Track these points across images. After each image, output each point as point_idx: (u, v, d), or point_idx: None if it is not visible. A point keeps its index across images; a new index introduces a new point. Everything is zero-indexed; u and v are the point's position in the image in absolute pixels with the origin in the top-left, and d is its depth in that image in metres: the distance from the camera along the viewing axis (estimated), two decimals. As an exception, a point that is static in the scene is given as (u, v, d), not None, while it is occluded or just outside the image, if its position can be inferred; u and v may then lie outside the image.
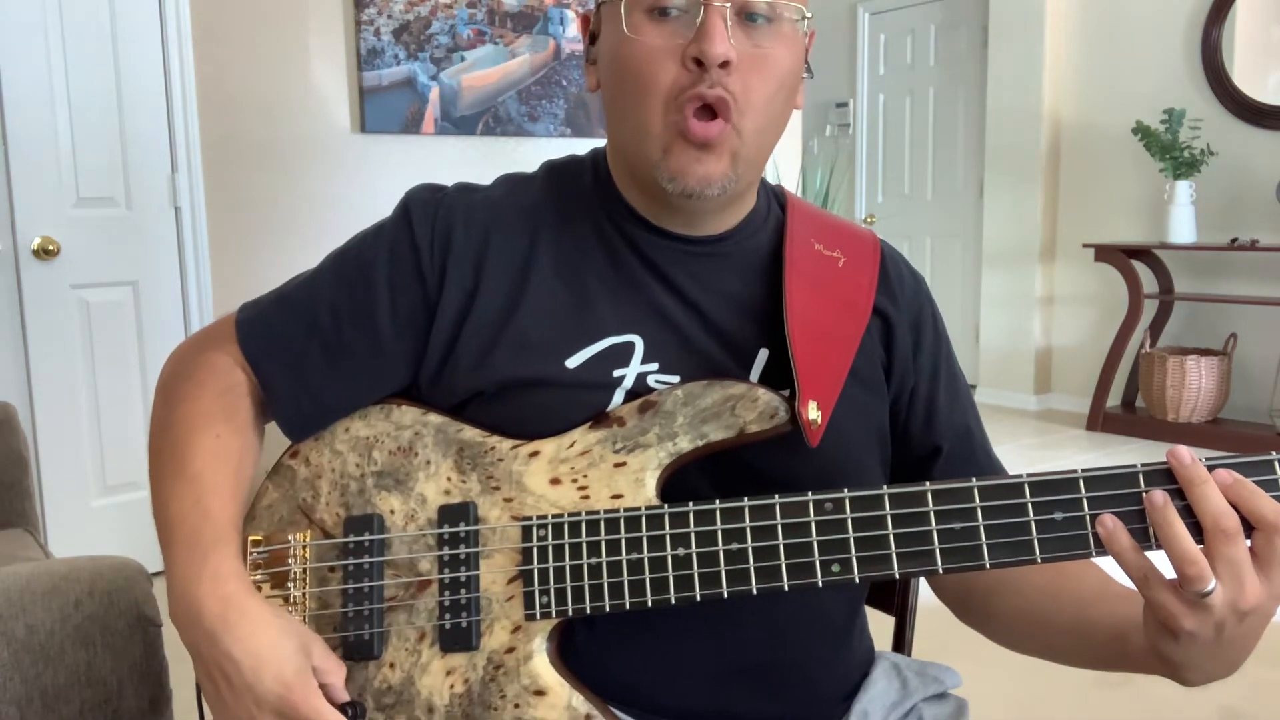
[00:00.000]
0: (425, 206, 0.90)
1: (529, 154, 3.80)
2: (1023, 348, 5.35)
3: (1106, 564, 0.77)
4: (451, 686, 0.80)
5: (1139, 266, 4.70)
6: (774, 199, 0.97)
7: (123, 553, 1.15)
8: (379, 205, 0.95)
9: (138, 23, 2.97)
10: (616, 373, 0.84)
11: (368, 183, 3.47)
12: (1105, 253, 4.74)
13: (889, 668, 0.96)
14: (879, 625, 1.09)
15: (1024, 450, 4.53)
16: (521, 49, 3.73)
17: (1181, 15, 4.69)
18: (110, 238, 2.98)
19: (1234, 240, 4.41)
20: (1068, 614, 0.85)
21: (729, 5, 0.79)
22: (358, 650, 0.82)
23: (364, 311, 0.87)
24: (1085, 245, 4.88)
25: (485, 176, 0.98)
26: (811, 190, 4.74)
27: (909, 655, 1.08)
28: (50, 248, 2.85)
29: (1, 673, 1.01)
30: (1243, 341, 4.55)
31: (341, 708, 0.77)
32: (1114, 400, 4.91)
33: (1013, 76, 5.21)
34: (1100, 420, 4.79)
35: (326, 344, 0.87)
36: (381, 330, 0.87)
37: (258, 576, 0.87)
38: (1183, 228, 4.49)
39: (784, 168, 4.53)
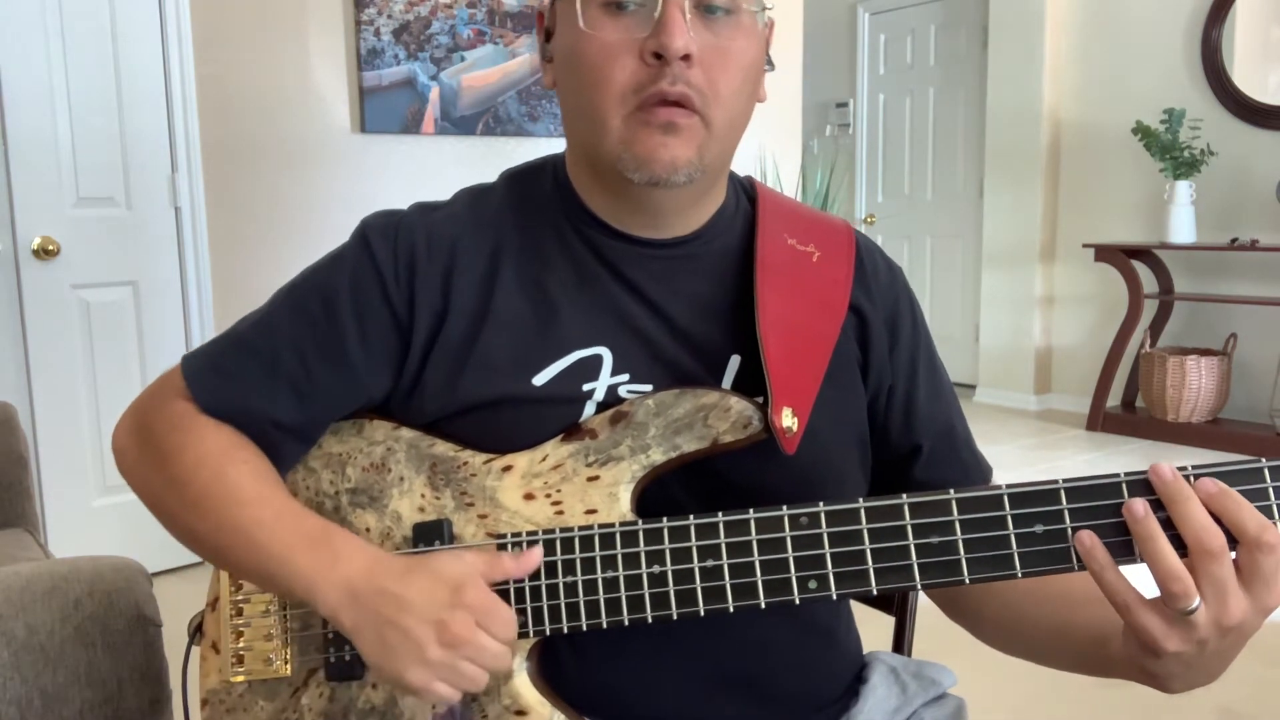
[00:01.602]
0: (383, 230, 0.87)
1: (529, 154, 3.80)
2: (1023, 348, 5.35)
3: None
4: (434, 707, 0.80)
5: (1139, 266, 4.70)
6: (743, 192, 0.94)
7: (123, 553, 1.15)
8: (379, 205, 0.94)
9: (138, 23, 2.97)
10: (586, 386, 0.82)
11: (368, 183, 3.48)
12: (1105, 253, 4.74)
13: (886, 672, 0.94)
14: (879, 625, 1.09)
15: (1024, 450, 4.53)
16: (521, 49, 3.73)
17: (1181, 15, 4.69)
18: (110, 238, 2.98)
19: (1234, 240, 4.41)
20: (1050, 616, 0.83)
21: None
22: (340, 671, 0.82)
23: (332, 345, 0.84)
24: (1085, 245, 4.88)
25: (485, 176, 0.97)
26: (811, 190, 4.74)
27: (908, 654, 1.08)
28: (50, 248, 2.85)
29: (1, 673, 1.01)
30: (1243, 341, 4.55)
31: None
32: (1114, 400, 4.91)
33: (1013, 76, 5.21)
34: (1100, 420, 4.79)
35: (295, 385, 0.84)
36: (353, 360, 0.84)
37: (239, 596, 0.87)
38: (1183, 228, 4.49)
39: (784, 168, 4.53)
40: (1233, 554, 0.66)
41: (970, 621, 0.92)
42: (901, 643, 1.10)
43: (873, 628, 1.00)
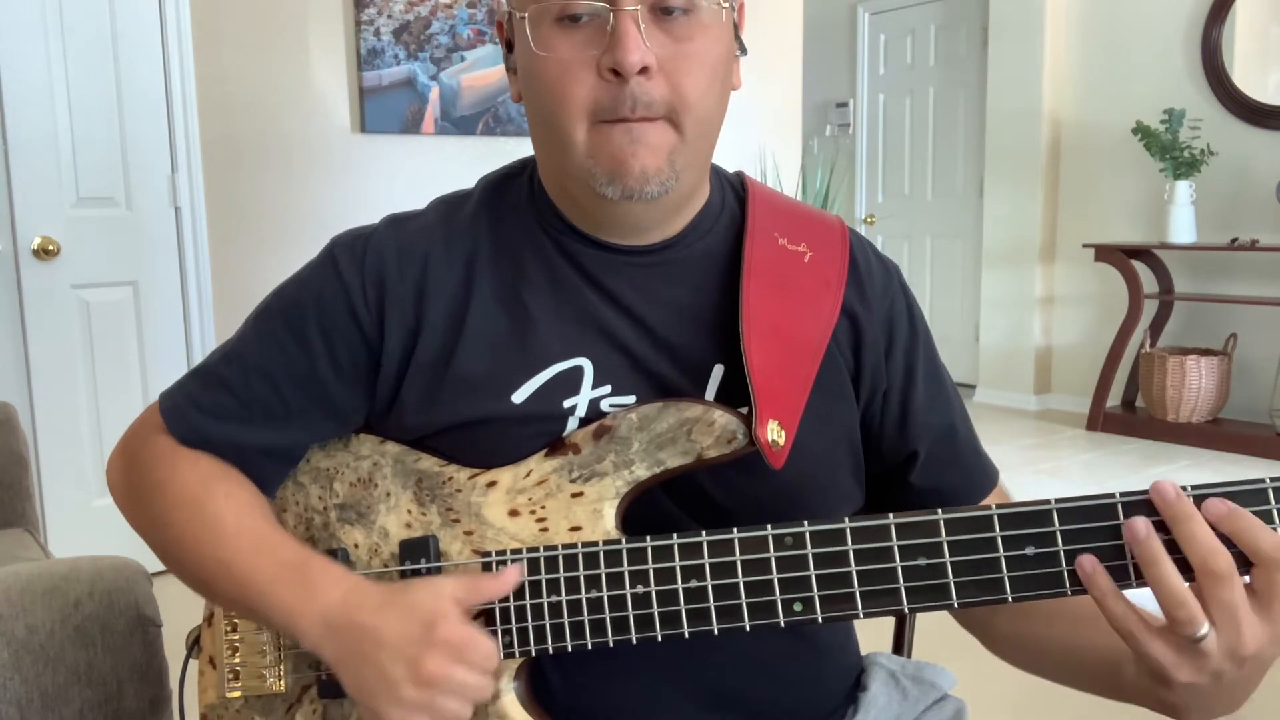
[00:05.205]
0: (350, 249, 0.85)
1: (529, 154, 3.80)
2: (1023, 348, 5.35)
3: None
4: None
5: (1139, 266, 4.70)
6: (731, 189, 0.90)
7: (123, 553, 1.15)
8: (379, 205, 0.93)
9: (138, 23, 2.97)
10: (567, 403, 0.80)
11: (368, 183, 3.48)
12: (1105, 253, 4.74)
13: (886, 677, 0.92)
14: (878, 625, 1.09)
15: (1024, 450, 4.53)
16: (521, 49, 3.73)
17: (1181, 15, 4.69)
18: (110, 238, 2.98)
19: (1234, 240, 4.41)
20: (1062, 636, 0.80)
21: (640, 6, 0.73)
22: (332, 689, 0.81)
23: (301, 369, 0.83)
24: (1085, 245, 4.88)
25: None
26: (811, 190, 4.74)
27: (908, 655, 1.08)
28: (50, 248, 2.85)
29: (1, 673, 1.01)
30: (1243, 341, 4.55)
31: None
32: (1114, 400, 4.91)
33: (1013, 76, 5.21)
34: (1100, 420, 4.78)
35: (271, 413, 0.83)
36: (326, 383, 0.83)
37: (231, 614, 0.86)
38: (1183, 228, 4.49)
39: (784, 168, 4.53)
40: (1245, 578, 0.63)
41: (982, 635, 0.89)
42: (901, 644, 1.10)
43: (872, 628, 0.99)
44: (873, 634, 1.07)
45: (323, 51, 3.36)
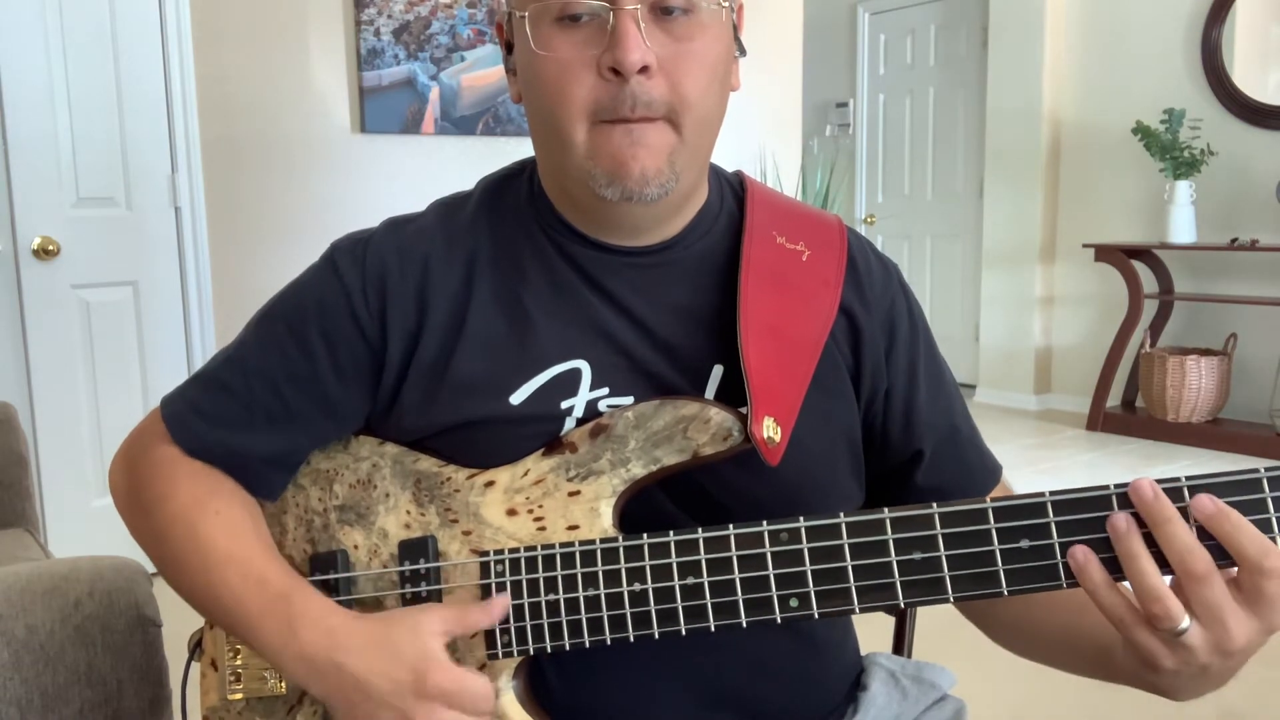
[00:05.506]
0: (350, 253, 0.85)
1: (529, 154, 3.80)
2: (1023, 348, 5.35)
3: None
4: None
5: (1139, 266, 4.70)
6: (730, 189, 0.90)
7: (123, 553, 1.15)
8: (379, 205, 0.93)
9: (138, 23, 2.97)
10: (565, 404, 0.80)
11: (368, 183, 3.48)
12: (1105, 253, 4.74)
13: (885, 677, 0.92)
14: (878, 625, 1.09)
15: (1024, 450, 4.53)
16: (521, 49, 3.73)
17: (1181, 15, 4.69)
18: (110, 238, 2.98)
19: (1234, 240, 4.41)
20: (1059, 620, 0.80)
21: (640, 5, 0.73)
22: None
23: (303, 372, 0.83)
24: (1085, 245, 4.88)
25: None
26: (811, 190, 4.74)
27: (908, 655, 1.08)
28: (50, 248, 2.85)
29: (1, 673, 1.01)
30: (1243, 341, 4.55)
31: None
32: (1114, 400, 4.91)
33: (1013, 77, 5.21)
34: (1100, 420, 4.78)
35: (272, 417, 0.83)
36: (326, 386, 0.83)
37: None
38: (1183, 228, 4.49)
39: (784, 168, 4.53)
40: (1233, 569, 0.63)
41: (982, 622, 0.89)
42: (901, 644, 1.10)
43: (872, 628, 0.99)
44: (872, 634, 1.07)
45: (323, 51, 3.36)
